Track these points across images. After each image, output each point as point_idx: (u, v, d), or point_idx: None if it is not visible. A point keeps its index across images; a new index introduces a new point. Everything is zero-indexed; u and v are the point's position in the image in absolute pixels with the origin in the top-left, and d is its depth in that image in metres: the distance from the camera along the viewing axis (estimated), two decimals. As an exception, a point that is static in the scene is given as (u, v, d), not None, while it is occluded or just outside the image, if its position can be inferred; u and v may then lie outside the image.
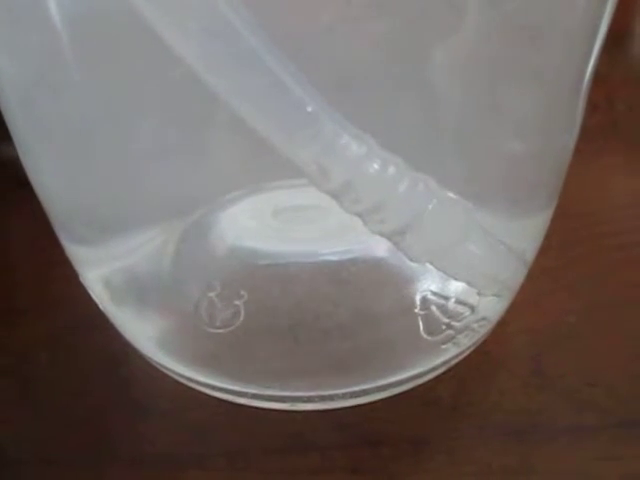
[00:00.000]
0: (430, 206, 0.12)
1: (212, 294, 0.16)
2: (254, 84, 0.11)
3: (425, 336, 0.16)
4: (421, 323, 0.16)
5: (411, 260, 0.13)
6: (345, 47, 0.12)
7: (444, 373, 0.17)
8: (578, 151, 0.17)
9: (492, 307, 0.17)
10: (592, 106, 0.16)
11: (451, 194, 0.12)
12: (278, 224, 0.17)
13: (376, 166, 0.11)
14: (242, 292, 0.16)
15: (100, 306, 0.18)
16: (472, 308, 0.16)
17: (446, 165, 0.15)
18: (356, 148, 0.11)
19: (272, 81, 0.11)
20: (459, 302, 0.16)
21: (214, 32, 0.10)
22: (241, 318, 0.16)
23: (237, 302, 0.16)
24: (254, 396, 0.16)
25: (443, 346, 0.17)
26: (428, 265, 0.16)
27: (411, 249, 0.13)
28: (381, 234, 0.12)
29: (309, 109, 0.11)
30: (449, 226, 0.13)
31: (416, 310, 0.16)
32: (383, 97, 0.13)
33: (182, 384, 0.17)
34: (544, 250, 0.18)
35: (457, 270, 0.13)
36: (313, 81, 0.11)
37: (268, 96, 0.11)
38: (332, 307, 0.16)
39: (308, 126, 0.11)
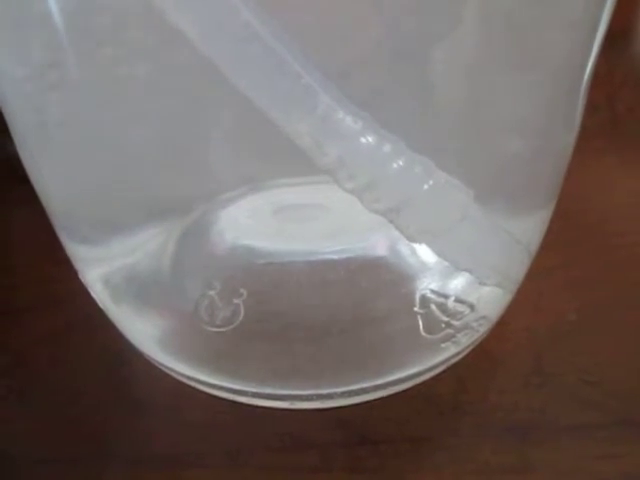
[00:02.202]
0: (425, 186, 0.12)
1: (212, 293, 0.16)
2: (250, 56, 0.11)
3: (425, 335, 0.16)
4: (420, 322, 0.16)
5: (408, 240, 0.13)
6: (345, 38, 0.12)
7: (444, 372, 0.17)
8: (578, 151, 0.17)
9: (492, 306, 0.17)
10: (592, 106, 0.16)
11: (451, 178, 0.12)
12: (278, 223, 0.17)
13: (371, 142, 0.11)
14: (242, 290, 0.16)
15: (100, 305, 0.18)
16: (472, 307, 0.16)
17: (445, 162, 0.15)
18: (351, 123, 0.11)
19: (268, 54, 0.11)
20: (459, 301, 0.16)
21: (211, 5, 0.10)
22: (241, 317, 0.16)
23: (237, 301, 0.16)
24: (254, 395, 0.16)
25: (443, 345, 0.17)
26: (427, 262, 0.17)
27: (406, 228, 0.13)
28: (376, 212, 0.12)
29: (304, 81, 0.11)
30: (445, 208, 0.13)
31: (415, 309, 0.16)
32: (380, 96, 0.13)
33: (182, 383, 0.17)
34: (544, 249, 0.18)
35: (455, 255, 0.13)
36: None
37: (264, 68, 0.11)
38: (331, 306, 0.16)
39: (303, 99, 0.11)
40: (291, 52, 0.11)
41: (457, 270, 0.14)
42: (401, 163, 0.12)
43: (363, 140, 0.11)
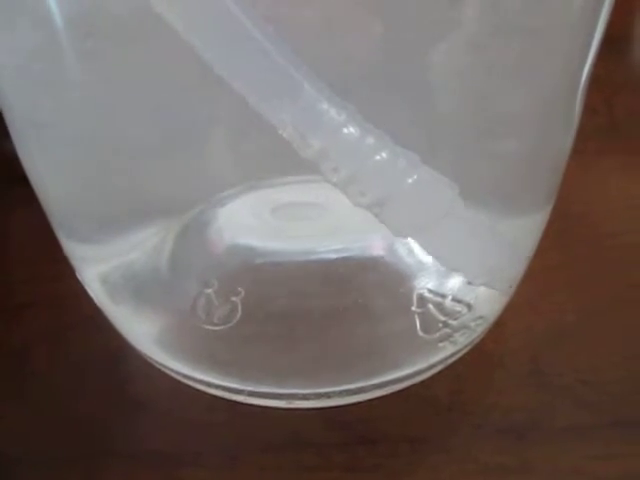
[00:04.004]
0: (410, 180, 0.12)
1: (209, 291, 0.16)
2: (234, 45, 0.11)
3: (422, 334, 0.16)
4: (418, 321, 0.16)
5: (393, 234, 0.13)
6: (341, 42, 0.13)
7: (441, 372, 0.17)
8: (577, 153, 0.17)
9: (489, 306, 0.17)
10: (591, 109, 0.17)
11: (436, 173, 0.12)
12: (276, 221, 0.17)
13: (354, 134, 0.11)
14: (239, 289, 0.16)
15: (97, 303, 0.18)
16: (469, 306, 0.16)
17: (442, 162, 0.15)
18: (335, 115, 0.11)
19: (252, 43, 0.11)
20: (456, 300, 0.16)
21: None
22: (238, 315, 0.16)
23: (234, 299, 0.16)
24: (251, 393, 0.16)
25: (440, 344, 0.17)
26: (425, 262, 0.17)
27: (391, 222, 0.13)
28: (361, 206, 0.12)
29: (287, 72, 0.11)
30: (430, 202, 0.13)
31: (413, 308, 0.16)
32: (378, 95, 0.14)
33: (179, 381, 0.17)
34: (542, 250, 0.18)
35: (441, 251, 0.13)
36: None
37: (248, 58, 0.11)
38: (329, 305, 0.16)
39: (286, 89, 0.11)
40: (274, 43, 0.11)
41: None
42: (384, 155, 0.12)
43: (346, 132, 0.11)
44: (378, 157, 0.12)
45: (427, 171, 0.12)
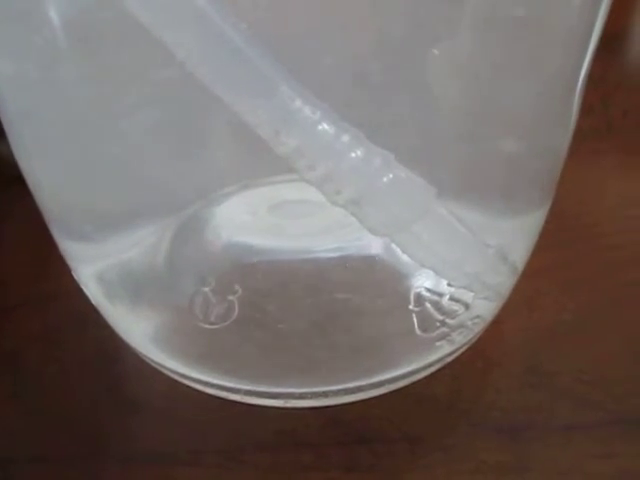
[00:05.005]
0: (385, 179, 0.12)
1: (206, 289, 0.16)
2: (208, 44, 0.11)
3: (419, 333, 0.16)
4: (415, 320, 0.16)
5: (371, 233, 0.13)
6: (341, 42, 0.13)
7: (439, 371, 0.17)
8: (573, 153, 0.17)
9: (487, 305, 0.17)
10: (587, 108, 0.16)
11: (412, 174, 0.12)
12: (273, 219, 0.17)
13: (329, 132, 0.11)
14: (236, 287, 0.16)
15: (93, 302, 0.18)
16: (466, 306, 0.16)
17: (439, 162, 0.15)
18: (309, 113, 0.11)
19: (225, 41, 0.11)
20: (453, 299, 0.16)
21: None
22: (235, 314, 0.16)
23: (231, 297, 0.16)
24: (247, 393, 0.16)
25: (437, 343, 0.17)
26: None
27: (367, 220, 0.13)
28: (338, 205, 0.12)
29: (261, 70, 0.11)
30: (405, 203, 0.12)
31: (410, 307, 0.16)
32: (378, 93, 0.13)
33: (175, 380, 0.17)
34: (539, 249, 0.18)
35: (418, 251, 0.13)
36: (308, 77, 0.11)
37: (221, 55, 0.11)
38: (326, 304, 0.16)
39: (261, 87, 0.11)
40: (248, 40, 0.11)
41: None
42: (359, 154, 0.12)
43: (321, 129, 0.11)
44: (353, 155, 0.12)
45: (403, 171, 0.12)
